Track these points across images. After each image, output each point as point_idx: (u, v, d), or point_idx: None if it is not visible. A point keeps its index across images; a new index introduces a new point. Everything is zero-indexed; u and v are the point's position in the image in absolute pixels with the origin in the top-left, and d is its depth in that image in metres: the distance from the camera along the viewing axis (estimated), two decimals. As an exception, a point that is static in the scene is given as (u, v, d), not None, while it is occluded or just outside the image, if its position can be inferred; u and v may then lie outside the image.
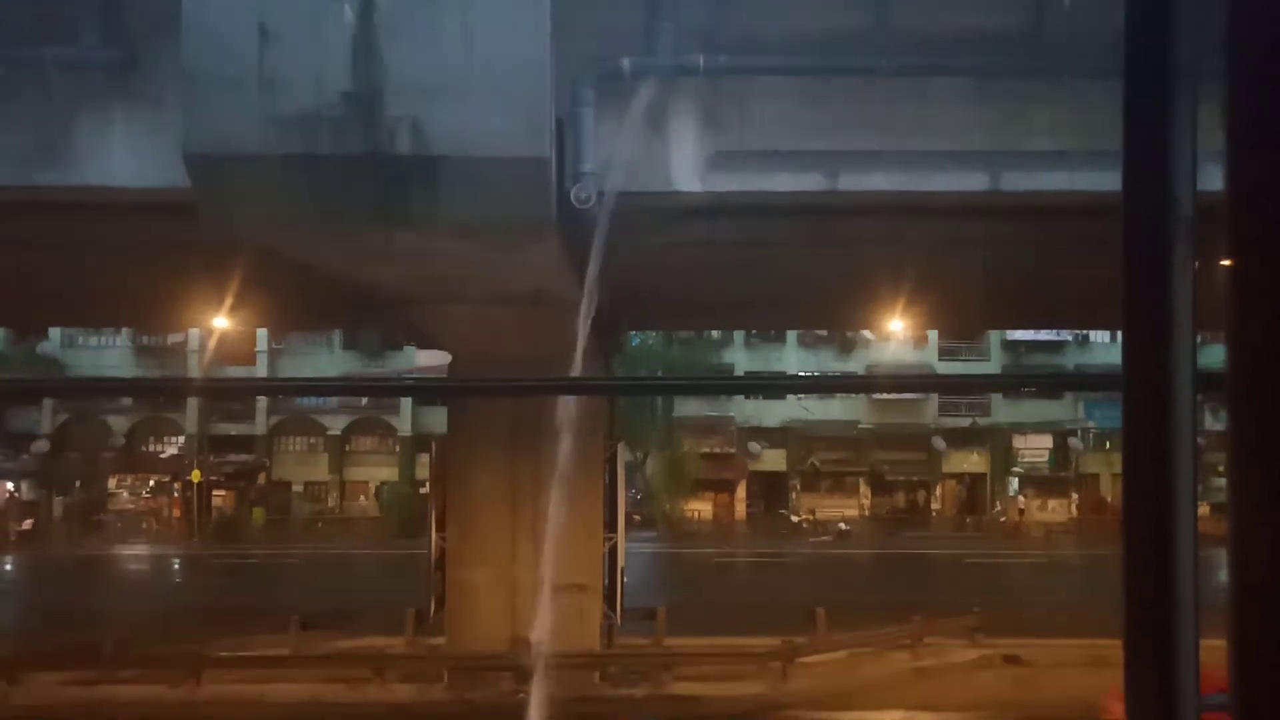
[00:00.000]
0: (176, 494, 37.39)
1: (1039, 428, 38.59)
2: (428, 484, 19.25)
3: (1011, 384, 40.25)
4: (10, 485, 37.24)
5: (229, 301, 13.02)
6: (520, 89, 6.75)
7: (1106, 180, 1.54)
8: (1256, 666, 0.97)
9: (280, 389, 39.35)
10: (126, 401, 37.21)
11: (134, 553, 31.23)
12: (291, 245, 8.23)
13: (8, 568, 28.67)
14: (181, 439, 38.19)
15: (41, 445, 36.74)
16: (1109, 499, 36.82)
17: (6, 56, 6.96)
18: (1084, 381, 21.87)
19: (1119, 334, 1.35)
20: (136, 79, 7.15)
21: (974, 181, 7.65)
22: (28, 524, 33.64)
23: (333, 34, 6.50)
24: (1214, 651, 1.02)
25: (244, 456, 38.25)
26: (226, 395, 38.22)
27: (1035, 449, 39.09)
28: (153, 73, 7.09)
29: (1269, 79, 1.14)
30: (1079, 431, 38.30)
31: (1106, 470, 37.43)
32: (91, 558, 29.37)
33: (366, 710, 12.59)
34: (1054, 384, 34.41)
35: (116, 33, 7.03)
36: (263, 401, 37.63)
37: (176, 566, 29.40)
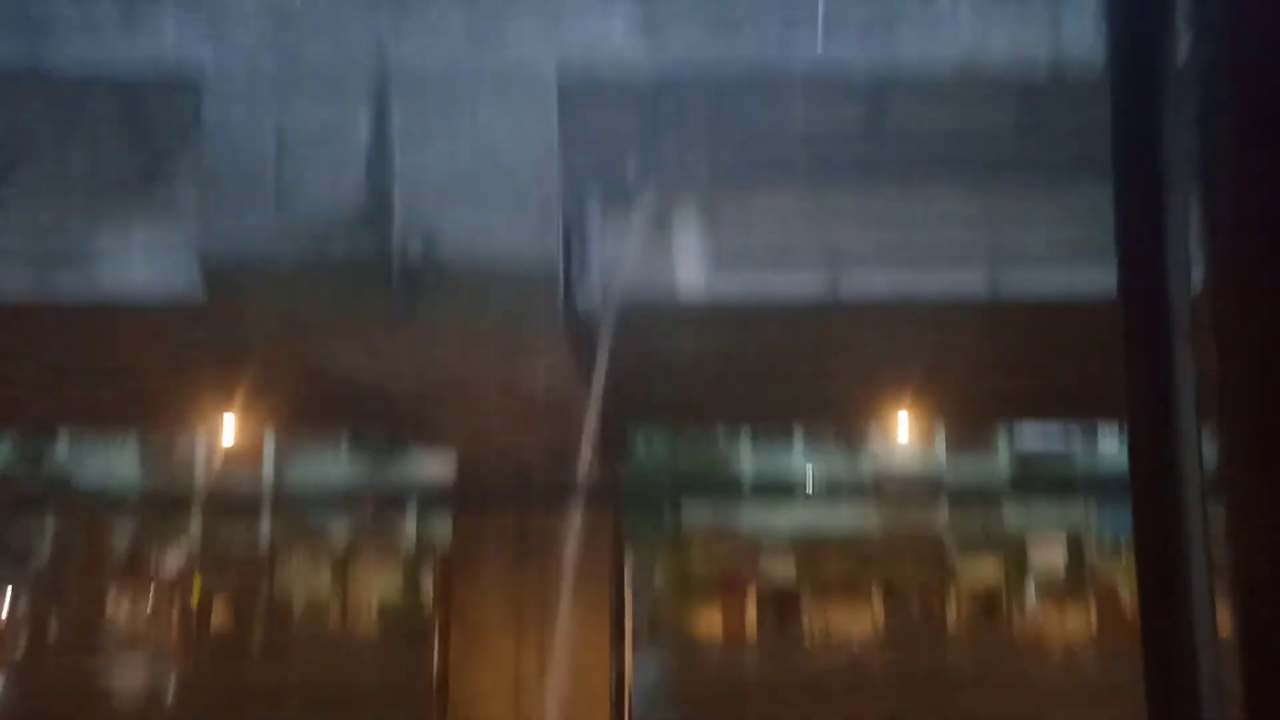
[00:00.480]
0: (176, 609, 36.67)
1: (1052, 533, 37.95)
2: (431, 599, 18.87)
3: (1020, 487, 39.78)
4: (7, 601, 36.56)
5: (237, 405, 13.08)
6: (530, 196, 6.97)
7: (1106, 276, 1.57)
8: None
9: (285, 497, 39.04)
10: (129, 510, 36.90)
11: (128, 673, 30.40)
12: (302, 349, 8.33)
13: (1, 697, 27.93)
14: (183, 549, 37.70)
15: (40, 559, 36.24)
16: (1127, 607, 35.84)
17: (31, 166, 7.22)
18: (1092, 486, 21.63)
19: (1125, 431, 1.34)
20: (155, 187, 7.40)
21: (973, 279, 7.76)
22: (21, 640, 32.90)
23: (349, 143, 6.75)
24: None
25: (245, 568, 37.65)
26: (230, 503, 37.92)
27: (1050, 556, 38.34)
28: (172, 181, 7.33)
29: (1242, 181, 1.18)
30: (1093, 538, 37.64)
31: (1125, 578, 36.59)
32: (84, 678, 28.58)
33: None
34: (1063, 490, 33.99)
35: (139, 143, 7.31)
36: (267, 512, 37.31)
37: (172, 688, 28.60)
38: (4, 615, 36.03)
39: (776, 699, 24.30)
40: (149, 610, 37.04)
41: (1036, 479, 39.78)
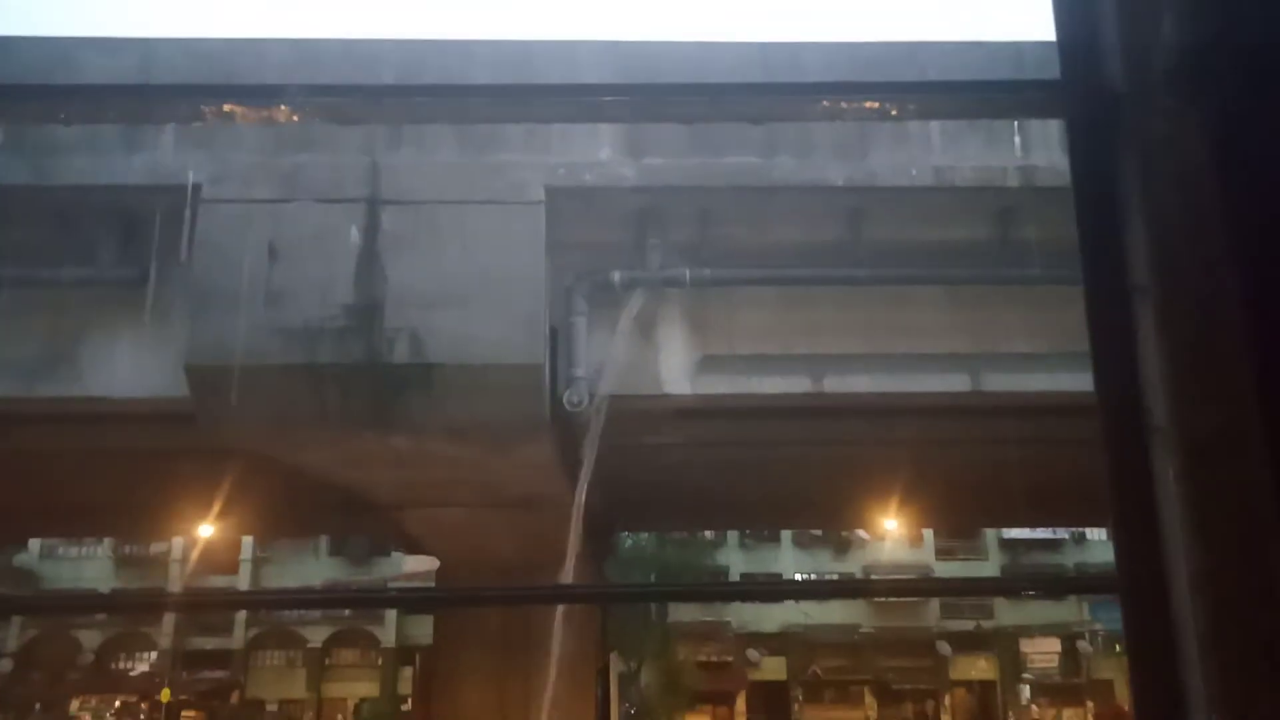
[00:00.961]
0: (143, 716, 35.29)
1: (1045, 630, 37.37)
2: (410, 700, 18.27)
3: (1010, 588, 39.44)
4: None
5: (215, 508, 12.90)
6: (516, 300, 7.07)
7: (1085, 381, 1.62)
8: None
9: (261, 603, 38.13)
10: (100, 616, 35.85)
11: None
12: (286, 450, 8.29)
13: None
14: (154, 654, 36.52)
15: (3, 665, 35.00)
16: (1126, 707, 35.08)
17: (23, 277, 7.30)
18: (1083, 584, 21.40)
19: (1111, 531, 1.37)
20: (145, 295, 7.47)
21: (956, 382, 7.87)
22: (-20, 752, 31.52)
23: (339, 252, 6.87)
24: None
25: (218, 673, 36.43)
26: (206, 608, 36.93)
27: (1044, 653, 37.68)
28: (162, 289, 7.41)
29: (1192, 291, 1.25)
30: (1087, 634, 37.08)
31: (1120, 675, 35.91)
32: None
33: None
34: (1053, 587, 33.69)
35: (131, 253, 7.41)
36: (241, 613, 36.32)
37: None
38: (-38, 723, 34.57)
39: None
40: (115, 715, 35.65)
41: (1027, 578, 39.48)
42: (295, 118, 1.91)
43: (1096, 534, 36.17)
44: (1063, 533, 36.57)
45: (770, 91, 1.81)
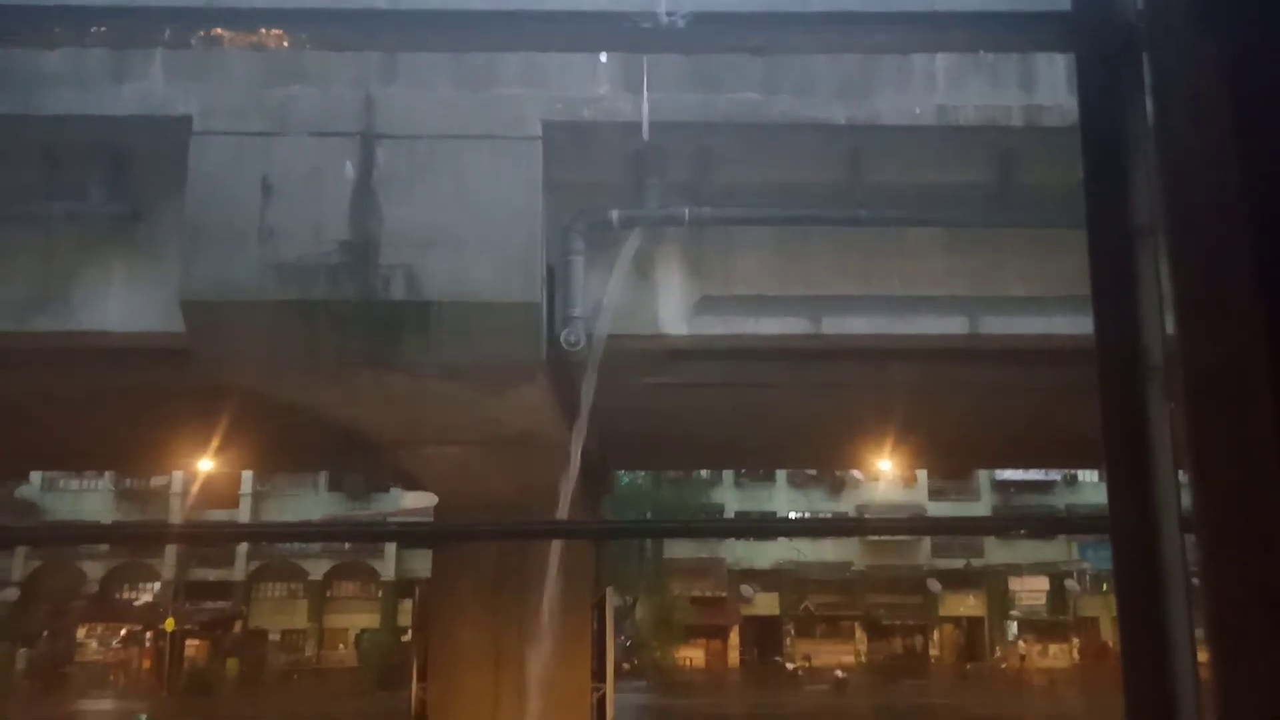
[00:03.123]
0: (148, 644, 36.02)
1: (1034, 569, 38.06)
2: (410, 631, 18.61)
3: (1001, 527, 39.97)
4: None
5: (214, 444, 12.97)
6: (512, 238, 7.00)
7: (1082, 324, 1.61)
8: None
9: (262, 535, 38.61)
10: (103, 547, 36.35)
11: (97, 709, 29.76)
12: (283, 388, 8.29)
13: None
14: (157, 585, 37.12)
15: (9, 594, 35.58)
16: (1110, 644, 35.89)
17: (14, 213, 7.20)
18: (1073, 524, 21.69)
19: (1104, 473, 1.37)
20: (138, 230, 7.38)
21: (953, 325, 7.85)
22: (-11, 677, 32.21)
23: (333, 188, 6.78)
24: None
25: (220, 604, 37.09)
26: (207, 541, 37.44)
27: (1032, 591, 38.43)
28: (154, 224, 7.32)
29: (1203, 231, 1.23)
30: (1075, 573, 37.76)
31: (1106, 614, 36.70)
32: (49, 716, 27.94)
33: None
34: (1044, 528, 34.17)
35: (122, 188, 7.31)
36: (243, 546, 36.82)
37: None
38: (-29, 651, 35.28)
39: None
40: (122, 643, 36.37)
41: (1018, 517, 40.03)
42: (285, 43, 1.86)
43: (1088, 476, 36.57)
44: (1055, 474, 36.98)
45: (773, 22, 1.75)
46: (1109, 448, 1.39)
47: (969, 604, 38.05)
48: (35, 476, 35.60)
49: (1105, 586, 36.67)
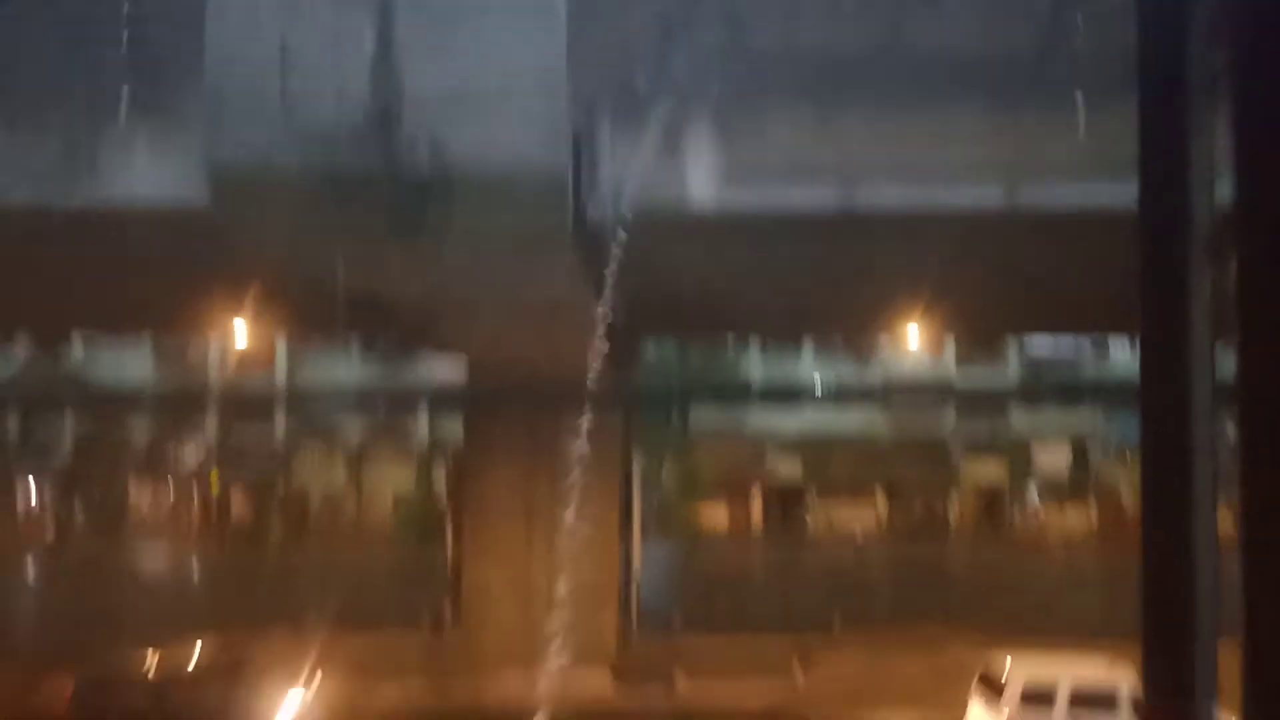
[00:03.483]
0: (196, 503, 37.73)
1: (1058, 438, 38.31)
2: (445, 494, 19.29)
3: (1029, 395, 39.98)
4: (34, 493, 37.68)
5: (247, 309, 13.15)
6: (537, 103, 6.80)
7: (1121, 193, 1.55)
8: (1267, 666, 0.97)
9: (299, 399, 39.61)
10: (146, 410, 37.58)
11: (155, 558, 31.51)
12: (309, 257, 8.31)
13: (33, 578, 29.00)
14: (200, 448, 38.51)
15: (64, 454, 37.16)
16: (1128, 510, 36.50)
17: (38, 81, 7.11)
18: (1102, 393, 21.60)
19: (1138, 343, 1.33)
20: (161, 99, 7.27)
21: (989, 195, 7.64)
22: (50, 529, 34.04)
23: (353, 52, 6.58)
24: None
25: (262, 465, 38.52)
26: (244, 401, 38.55)
27: (1055, 459, 38.82)
28: (177, 93, 7.20)
29: (1272, 94, 1.15)
30: (1099, 443, 38.00)
31: (1127, 482, 37.13)
32: (112, 564, 29.64)
33: (385, 713, 12.67)
34: (1071, 396, 34.13)
35: (144, 57, 7.15)
36: (281, 409, 37.91)
37: (195, 574, 29.66)
38: (32, 503, 37.18)
39: (779, 590, 25.09)
40: (170, 500, 38.13)
41: (1044, 386, 39.96)
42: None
43: (1119, 347, 36.24)
44: (1085, 344, 36.66)
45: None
46: (1145, 318, 1.35)
47: (991, 471, 38.61)
48: (78, 344, 36.48)
49: (1129, 457, 37.00)
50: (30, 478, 37.05)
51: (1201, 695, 1.11)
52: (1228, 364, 1.18)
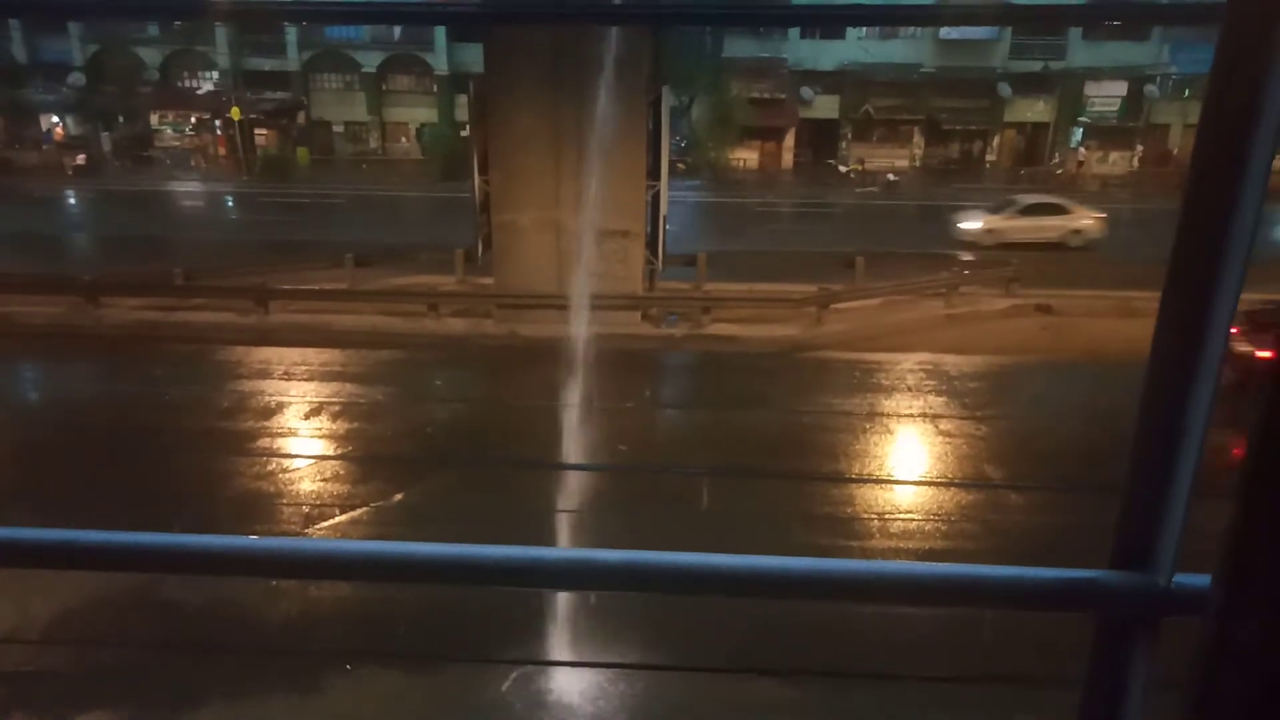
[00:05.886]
0: (219, 131, 37.37)
1: (1116, 73, 36.02)
2: (468, 125, 18.77)
3: (1095, 17, 36.94)
4: (55, 119, 37.38)
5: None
6: None
7: None
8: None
9: (307, 15, 37.46)
10: (154, 31, 35.95)
11: (188, 189, 31.93)
12: None
13: (71, 201, 29.60)
14: (215, 74, 37.33)
15: (77, 78, 36.23)
16: (1175, 151, 35.33)
17: None
18: (1180, 13, 19.81)
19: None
20: None
21: None
22: (81, 159, 34.19)
23: None
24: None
25: (280, 94, 37.55)
26: (253, 19, 36.55)
27: (1107, 96, 36.83)
28: None
29: None
30: (1158, 78, 35.76)
31: (1179, 120, 35.50)
32: (148, 193, 30.12)
33: (424, 340, 13.38)
34: (1144, 17, 31.46)
35: None
36: (293, 34, 36.10)
37: (230, 203, 30.14)
38: (58, 131, 37.05)
39: (806, 230, 25.29)
40: (194, 130, 37.81)
41: (1118, 4, 36.59)
42: None
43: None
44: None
45: None
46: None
47: (1038, 109, 36.91)
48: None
49: (1187, 93, 34.98)
50: (50, 109, 36.54)
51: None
52: None
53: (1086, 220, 20.46)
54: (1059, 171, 35.98)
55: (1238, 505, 0.78)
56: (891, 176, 33.98)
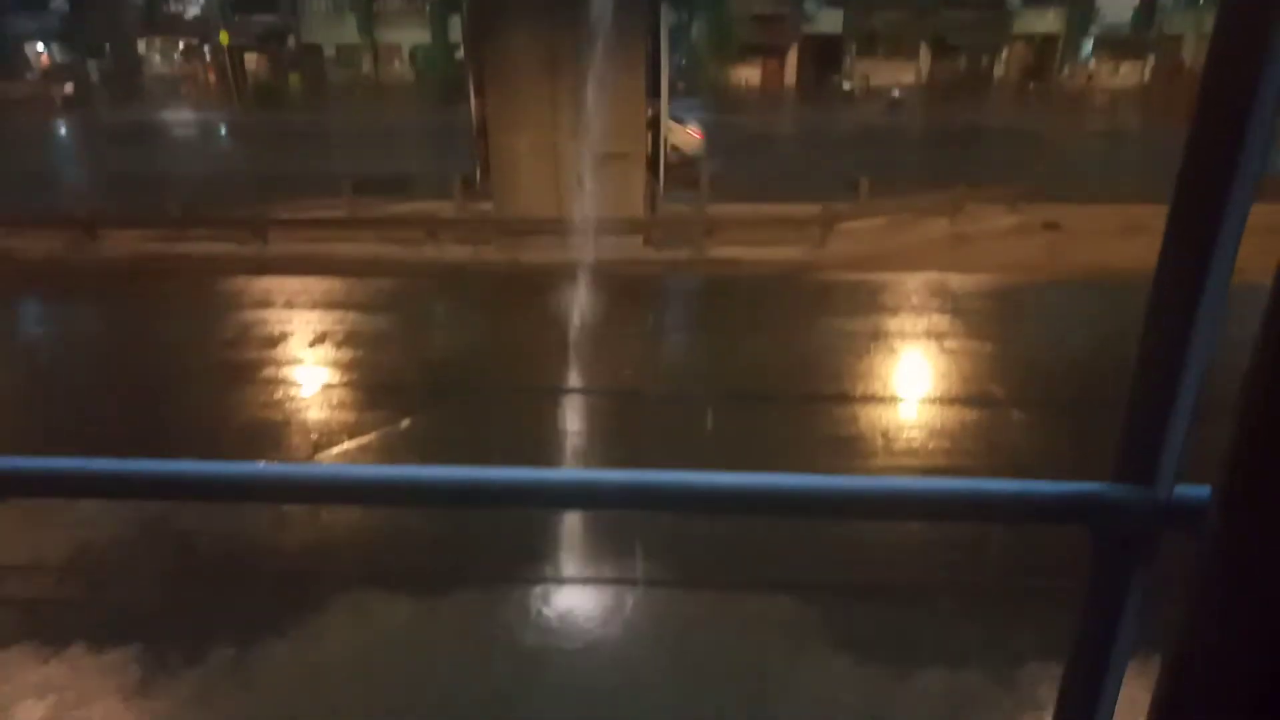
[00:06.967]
0: (208, 58, 36.61)
1: (1127, -17, 35.00)
2: (462, 46, 18.32)
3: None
4: (40, 47, 36.59)
5: None
6: None
7: None
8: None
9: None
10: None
11: (179, 118, 31.40)
12: None
13: (62, 132, 29.15)
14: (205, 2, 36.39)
15: (61, 3, 35.33)
16: (1187, 63, 34.52)
17: None
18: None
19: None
20: None
21: None
22: (69, 88, 33.57)
23: None
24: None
25: (269, 17, 36.63)
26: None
27: (1120, 6, 35.84)
28: None
29: None
30: (1170, -13, 34.76)
31: (1194, 31, 34.58)
32: (139, 122, 29.62)
33: (424, 268, 13.31)
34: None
35: None
36: (280, -45, 35.06)
37: (223, 132, 29.67)
38: (43, 59, 36.26)
39: (808, 152, 24.90)
40: (180, 58, 37.00)
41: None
42: None
43: None
44: None
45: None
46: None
47: (1047, 20, 35.90)
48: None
49: (1198, 9, 34.02)
50: (34, 36, 35.69)
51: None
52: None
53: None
54: (1068, 86, 35.16)
55: (1238, 418, 0.78)
56: (896, 94, 33.29)
